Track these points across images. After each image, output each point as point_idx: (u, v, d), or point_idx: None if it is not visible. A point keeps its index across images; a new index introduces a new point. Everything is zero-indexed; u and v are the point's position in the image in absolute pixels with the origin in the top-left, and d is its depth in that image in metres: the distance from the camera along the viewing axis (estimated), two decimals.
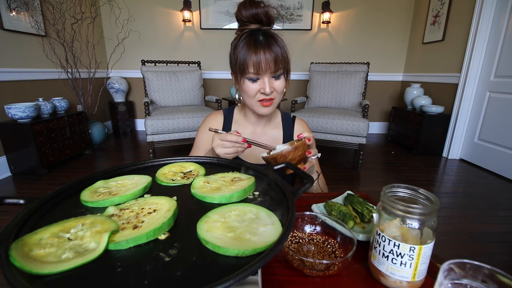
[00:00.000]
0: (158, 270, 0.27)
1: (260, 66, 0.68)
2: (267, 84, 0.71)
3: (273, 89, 0.73)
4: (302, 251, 0.47)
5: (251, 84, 0.72)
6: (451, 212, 1.71)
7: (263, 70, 0.69)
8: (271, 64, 0.69)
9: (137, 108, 3.82)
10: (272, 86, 0.72)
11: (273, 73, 0.71)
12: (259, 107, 0.76)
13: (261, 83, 0.72)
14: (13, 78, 2.25)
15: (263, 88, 0.71)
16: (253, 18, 0.69)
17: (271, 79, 0.72)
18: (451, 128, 2.77)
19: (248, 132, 0.88)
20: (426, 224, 0.37)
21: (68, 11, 2.70)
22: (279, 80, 0.73)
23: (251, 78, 0.71)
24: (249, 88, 0.73)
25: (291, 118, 0.92)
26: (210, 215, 0.36)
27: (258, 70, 0.69)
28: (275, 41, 0.70)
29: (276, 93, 0.74)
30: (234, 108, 0.92)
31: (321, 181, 0.83)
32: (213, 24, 3.47)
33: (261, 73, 0.70)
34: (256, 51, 0.68)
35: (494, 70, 2.43)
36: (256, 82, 0.72)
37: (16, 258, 0.26)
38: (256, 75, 0.70)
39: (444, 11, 2.88)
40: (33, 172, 2.17)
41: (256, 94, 0.73)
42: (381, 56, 3.61)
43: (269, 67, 0.69)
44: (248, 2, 0.69)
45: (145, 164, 0.56)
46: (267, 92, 0.71)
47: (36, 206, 0.37)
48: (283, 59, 0.70)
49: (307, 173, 0.46)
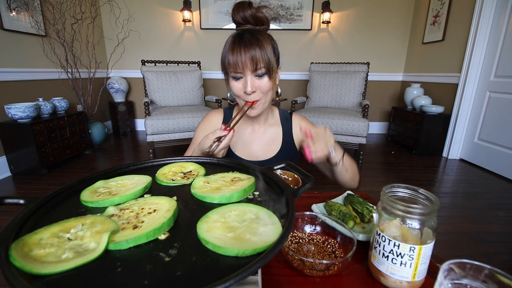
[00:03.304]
0: (158, 270, 0.27)
1: (237, 65, 0.70)
2: (248, 82, 0.71)
3: (256, 89, 0.73)
4: (302, 251, 0.46)
5: (235, 82, 0.74)
6: (451, 212, 1.71)
7: (240, 68, 0.70)
8: (248, 63, 0.69)
9: (137, 108, 3.82)
10: (254, 85, 0.72)
11: (253, 72, 0.71)
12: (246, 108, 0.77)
13: (243, 81, 0.73)
14: (13, 78, 2.25)
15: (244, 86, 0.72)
16: (243, 19, 0.73)
17: (253, 78, 0.72)
18: (451, 128, 2.77)
19: (248, 131, 0.89)
20: (426, 224, 0.37)
21: (68, 11, 2.70)
22: (262, 80, 0.72)
23: (234, 77, 0.73)
24: (234, 87, 0.74)
25: (288, 114, 0.93)
26: (210, 215, 0.36)
27: (236, 69, 0.71)
28: (257, 41, 0.70)
29: (261, 93, 0.74)
30: (234, 107, 0.93)
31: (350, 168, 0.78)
32: (213, 24, 3.47)
33: (239, 71, 0.71)
34: (234, 50, 0.70)
35: (494, 70, 2.43)
36: (239, 81, 0.73)
37: (16, 258, 0.26)
38: (236, 73, 0.72)
39: (444, 11, 2.88)
40: (33, 172, 2.17)
41: (241, 93, 0.74)
42: (381, 56, 3.61)
43: (246, 66, 0.70)
44: (237, 4, 0.72)
45: (145, 164, 0.56)
46: (247, 90, 0.71)
47: (36, 206, 0.37)
48: (262, 59, 0.70)
49: (307, 173, 0.46)
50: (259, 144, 0.89)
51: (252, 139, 0.89)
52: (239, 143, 0.89)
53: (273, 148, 0.88)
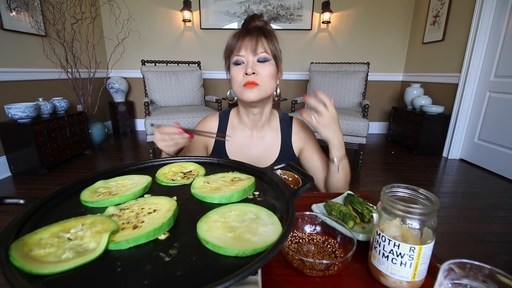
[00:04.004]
0: (158, 270, 0.27)
1: (242, 45, 0.71)
2: (250, 63, 0.71)
3: (257, 72, 0.71)
4: (302, 251, 0.46)
5: (235, 67, 0.73)
6: (451, 212, 1.71)
7: (243, 50, 0.71)
8: (252, 43, 0.70)
9: (137, 108, 3.82)
10: (256, 69, 0.71)
11: (255, 53, 0.71)
12: (243, 91, 0.73)
13: (244, 66, 0.72)
14: (13, 78, 2.25)
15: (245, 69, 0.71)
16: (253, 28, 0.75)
17: (255, 61, 0.72)
18: (451, 128, 2.77)
19: (245, 135, 0.85)
20: (426, 224, 0.37)
21: (68, 11, 2.70)
22: (265, 65, 0.72)
23: (236, 61, 0.73)
24: (234, 72, 0.73)
25: (288, 118, 0.89)
26: (210, 215, 0.36)
27: (239, 51, 0.71)
28: (263, 29, 0.72)
29: (261, 78, 0.72)
30: (230, 111, 0.89)
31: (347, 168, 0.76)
32: (213, 24, 3.47)
33: (242, 54, 0.71)
34: (239, 34, 0.73)
35: (494, 70, 2.43)
36: (240, 66, 0.73)
37: (16, 258, 0.26)
38: (238, 56, 0.72)
39: (444, 11, 2.88)
40: (33, 172, 2.17)
41: (241, 77, 0.73)
42: (381, 56, 3.61)
43: (248, 47, 0.70)
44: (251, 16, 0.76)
45: (145, 164, 0.56)
46: (248, 71, 0.70)
47: (36, 206, 0.37)
48: (267, 43, 0.71)
49: (307, 173, 0.46)
50: (257, 150, 0.85)
51: (249, 144, 0.85)
52: (235, 147, 0.85)
53: (271, 156, 0.85)
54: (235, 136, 0.86)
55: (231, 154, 0.85)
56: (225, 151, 0.85)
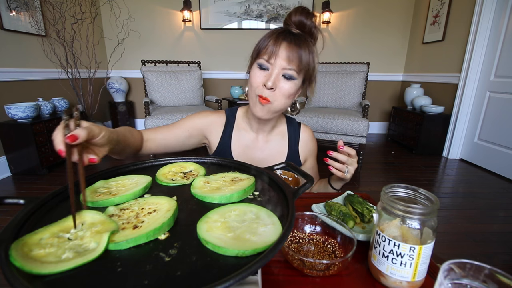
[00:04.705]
0: (158, 270, 0.27)
1: (273, 53, 0.65)
2: (273, 75, 0.65)
3: (276, 87, 0.66)
4: (302, 251, 0.46)
5: (258, 70, 0.68)
6: (451, 212, 1.71)
7: (276, 57, 0.65)
8: (285, 57, 0.64)
9: (137, 108, 3.82)
10: (277, 83, 0.66)
11: (285, 69, 0.65)
12: (255, 105, 0.70)
13: (267, 74, 0.67)
14: (13, 78, 2.25)
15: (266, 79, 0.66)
16: (297, 24, 0.68)
17: (280, 75, 0.66)
18: (451, 128, 2.77)
19: (250, 138, 0.82)
20: (426, 224, 0.37)
21: (68, 11, 2.70)
22: (288, 82, 0.67)
23: (261, 64, 0.67)
24: (255, 75, 0.68)
25: (297, 124, 0.86)
26: (210, 215, 0.36)
27: (269, 56, 0.65)
28: (304, 43, 0.65)
29: (277, 95, 0.67)
30: (237, 111, 0.86)
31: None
32: (213, 24, 3.47)
33: (272, 60, 0.65)
34: (277, 37, 0.66)
35: (494, 70, 2.43)
36: (263, 71, 0.67)
37: (16, 258, 0.26)
38: (266, 61, 0.66)
39: (444, 11, 2.88)
40: (33, 172, 2.17)
41: (258, 84, 0.68)
42: (381, 56, 3.61)
43: (283, 59, 0.65)
44: (301, 8, 0.68)
45: (145, 164, 0.56)
46: (267, 84, 0.65)
47: (36, 206, 0.37)
48: (301, 61, 0.65)
49: (307, 173, 0.46)
50: (262, 153, 0.83)
51: (253, 147, 0.83)
52: (240, 148, 0.83)
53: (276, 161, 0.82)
54: (240, 133, 0.83)
55: (235, 155, 0.83)
56: (230, 152, 0.82)
